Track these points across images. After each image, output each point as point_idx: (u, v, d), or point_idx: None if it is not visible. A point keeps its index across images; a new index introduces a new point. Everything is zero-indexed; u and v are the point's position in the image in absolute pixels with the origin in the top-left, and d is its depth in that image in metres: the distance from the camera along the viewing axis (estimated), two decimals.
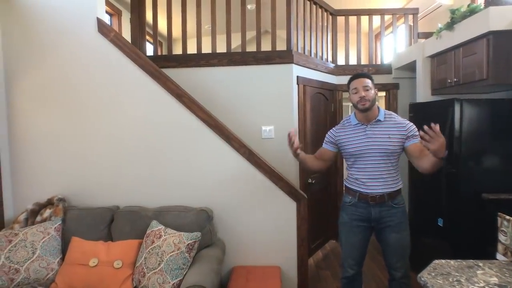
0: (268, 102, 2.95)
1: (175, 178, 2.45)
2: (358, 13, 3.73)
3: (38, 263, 1.98)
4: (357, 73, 1.99)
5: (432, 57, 2.95)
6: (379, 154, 1.87)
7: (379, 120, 1.91)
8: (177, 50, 3.38)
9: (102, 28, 2.43)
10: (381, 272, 3.01)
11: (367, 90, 1.87)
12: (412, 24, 3.76)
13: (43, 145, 2.51)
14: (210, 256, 2.07)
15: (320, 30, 3.53)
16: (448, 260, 1.34)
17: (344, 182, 2.13)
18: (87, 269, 1.95)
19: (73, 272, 1.96)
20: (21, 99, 2.51)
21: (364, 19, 3.75)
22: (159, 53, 3.25)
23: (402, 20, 3.98)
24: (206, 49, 3.05)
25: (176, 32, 3.19)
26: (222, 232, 2.46)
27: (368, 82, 1.89)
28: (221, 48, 3.04)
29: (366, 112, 1.89)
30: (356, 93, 1.89)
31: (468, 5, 2.48)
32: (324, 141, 2.11)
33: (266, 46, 3.01)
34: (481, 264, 1.30)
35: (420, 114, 2.90)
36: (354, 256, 2.00)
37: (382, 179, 1.89)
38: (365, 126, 1.92)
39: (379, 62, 4.02)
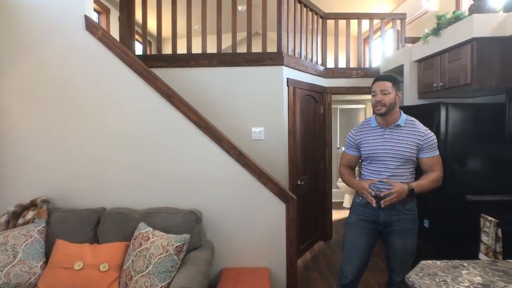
0: (258, 103, 2.95)
1: (163, 179, 2.42)
2: (348, 17, 3.78)
3: (20, 267, 1.91)
4: (380, 74, 1.95)
5: (419, 61, 3.02)
6: (394, 159, 1.85)
7: (399, 125, 1.88)
8: (167, 49, 3.35)
9: (90, 26, 2.38)
10: (371, 277, 3.03)
11: (385, 94, 1.82)
12: (399, 29, 3.83)
13: (27, 145, 2.44)
14: (198, 258, 2.04)
15: (310, 32, 3.56)
16: (435, 261, 1.36)
17: None
18: (72, 272, 1.90)
19: (57, 276, 1.90)
20: (5, 97, 2.44)
21: (354, 22, 3.80)
22: (148, 53, 3.20)
23: (390, 24, 4.05)
24: (196, 49, 3.04)
25: (166, 31, 3.16)
26: (211, 234, 2.43)
27: (388, 85, 1.84)
28: (212, 48, 3.03)
29: (383, 116, 1.87)
30: (374, 96, 1.87)
31: (453, 12, 2.54)
32: (346, 147, 2.07)
33: (256, 48, 3.02)
34: (465, 264, 1.33)
35: None
36: (355, 259, 1.92)
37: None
38: (384, 130, 1.90)
39: (367, 66, 4.07)
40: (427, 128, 1.92)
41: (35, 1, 2.38)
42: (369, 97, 4.19)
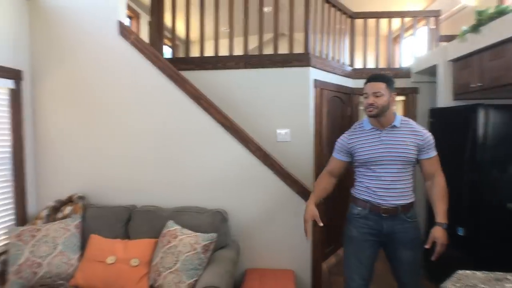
0: (284, 105, 2.95)
1: (191, 179, 2.48)
2: (378, 15, 3.68)
3: (59, 258, 2.04)
4: (372, 75, 1.82)
5: (455, 60, 2.88)
6: (395, 162, 1.74)
7: (395, 126, 1.78)
8: (194, 52, 3.42)
9: (123, 31, 2.49)
10: None
11: (377, 96, 1.72)
12: (433, 27, 3.68)
13: (65, 144, 2.59)
14: (225, 257, 2.08)
15: (338, 33, 3.51)
16: (474, 272, 1.27)
17: (351, 192, 1.95)
18: (105, 266, 2.00)
19: (92, 268, 2.01)
20: (45, 99, 2.60)
21: (384, 21, 3.70)
22: (176, 56, 3.29)
23: (423, 22, 3.90)
24: (223, 51, 3.08)
25: (193, 34, 3.23)
26: (236, 234, 2.47)
27: (381, 87, 1.73)
28: (237, 50, 3.06)
29: (375, 118, 1.78)
30: (366, 97, 1.78)
31: (496, 7, 2.39)
32: (335, 151, 1.94)
33: (282, 49, 3.01)
34: (510, 278, 1.23)
35: (441, 119, 2.83)
36: (361, 273, 1.80)
37: (397, 189, 1.75)
38: (380, 132, 1.78)
39: (397, 66, 3.95)
40: (424, 127, 1.83)
41: (73, 9, 2.52)
42: (399, 98, 4.07)
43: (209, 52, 3.11)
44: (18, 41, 2.48)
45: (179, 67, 2.82)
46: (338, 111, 3.44)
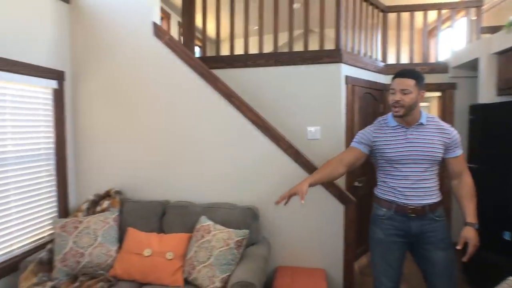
0: (315, 102, 2.92)
1: (222, 176, 2.52)
2: (412, 8, 3.55)
3: (100, 249, 2.15)
4: (401, 70, 1.70)
5: (500, 53, 2.71)
6: (422, 161, 1.67)
7: (421, 124, 1.71)
8: (223, 51, 3.46)
9: (157, 31, 2.56)
10: None
11: (405, 94, 1.63)
12: (474, 18, 3.49)
13: (102, 141, 2.71)
14: (256, 254, 2.10)
15: (370, 27, 3.42)
16: None
17: (375, 192, 1.88)
18: (142, 258, 2.08)
19: (130, 260, 2.10)
20: (85, 98, 2.73)
21: (418, 14, 3.56)
22: (207, 55, 3.35)
23: (463, 13, 3.71)
24: (252, 49, 3.10)
25: (223, 33, 3.27)
26: (266, 231, 2.48)
27: (409, 84, 1.63)
28: (266, 48, 3.06)
29: (401, 117, 1.70)
30: (392, 94, 1.68)
31: None
32: (356, 141, 1.83)
33: (311, 46, 2.98)
34: None
35: (483, 116, 2.69)
36: (390, 276, 1.75)
37: (424, 188, 1.69)
38: (406, 129, 1.71)
39: (433, 60, 3.79)
40: (450, 125, 1.75)
41: (110, 12, 2.62)
42: (434, 94, 3.92)
43: (238, 50, 3.13)
44: (60, 43, 2.63)
45: (210, 65, 2.87)
46: (370, 108, 3.36)
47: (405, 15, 3.57)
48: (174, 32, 5.18)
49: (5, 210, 2.18)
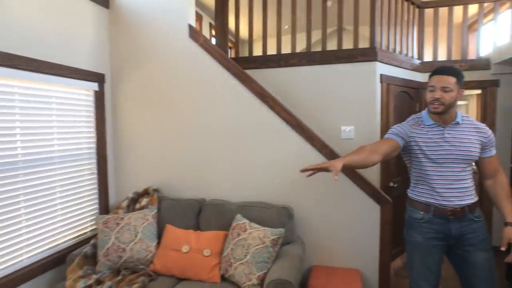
0: (349, 101, 2.88)
1: (256, 175, 2.55)
2: (451, 3, 3.41)
3: (140, 245, 2.23)
4: (441, 67, 1.66)
5: None
6: (460, 160, 1.64)
7: (457, 123, 1.67)
8: (254, 51, 3.48)
9: (193, 34, 2.63)
10: None
11: (446, 91, 1.59)
12: None
13: (140, 141, 2.82)
14: (292, 253, 2.11)
15: (406, 24, 3.32)
16: None
17: (408, 193, 1.84)
18: (180, 254, 2.14)
19: (168, 255, 2.17)
20: (123, 99, 2.85)
21: (457, 9, 3.42)
22: (239, 55, 3.38)
23: (507, 5, 3.52)
24: (284, 49, 3.10)
25: (254, 33, 3.29)
26: (300, 230, 2.48)
27: (451, 81, 1.59)
28: (297, 46, 3.05)
29: (439, 115, 1.66)
30: (431, 91, 1.64)
31: None
32: (392, 133, 1.74)
33: (343, 44, 2.94)
34: None
35: None
36: (430, 280, 1.71)
37: (462, 189, 1.66)
38: (443, 128, 1.67)
39: (473, 57, 3.63)
40: (483, 124, 1.70)
41: (147, 16, 2.71)
42: (474, 92, 3.75)
43: (270, 50, 3.15)
44: (101, 47, 2.75)
45: (243, 66, 2.90)
46: (405, 107, 3.27)
47: (443, 10, 3.44)
48: (206, 33, 5.28)
49: (52, 206, 2.31)
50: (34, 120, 2.18)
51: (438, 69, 1.66)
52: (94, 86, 2.68)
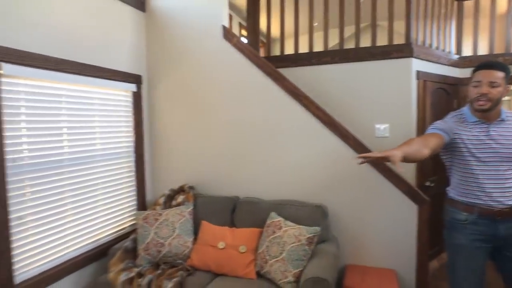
0: (383, 99, 2.82)
1: (290, 173, 2.56)
2: None
3: (177, 240, 2.31)
4: (488, 61, 1.59)
5: None
6: (505, 159, 1.58)
7: (502, 120, 1.60)
8: (285, 49, 3.48)
9: (226, 34, 2.67)
10: None
11: (494, 87, 1.53)
12: None
13: (176, 140, 2.90)
14: (327, 251, 2.10)
15: (443, 18, 3.20)
16: None
17: (448, 193, 1.77)
18: (216, 250, 2.19)
19: (205, 251, 2.23)
20: (159, 99, 2.95)
21: None
22: (270, 54, 3.40)
23: None
24: (310, 46, 3.08)
25: (285, 32, 3.29)
26: (334, 229, 2.46)
27: (498, 76, 1.53)
28: (330, 43, 3.02)
29: (484, 112, 1.58)
30: (476, 86, 1.57)
31: None
32: (436, 128, 1.66)
33: (367, 41, 2.88)
34: None
35: None
36: (474, 283, 1.64)
37: (509, 188, 1.58)
38: (488, 126, 1.61)
39: None
40: None
41: (182, 18, 2.79)
42: None
43: (302, 48, 3.14)
44: (138, 49, 2.86)
45: (275, 65, 2.91)
46: (442, 104, 3.16)
47: (485, 1, 3.28)
48: (235, 33, 5.34)
49: (94, 202, 2.43)
50: (79, 120, 2.31)
51: (484, 63, 1.60)
52: (132, 87, 2.79)
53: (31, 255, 1.98)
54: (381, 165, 2.31)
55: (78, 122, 2.31)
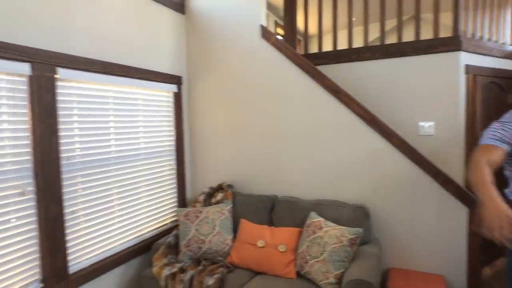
0: (428, 95, 2.68)
1: (329, 172, 2.51)
2: None
3: (217, 238, 2.35)
4: None
5: None
6: None
7: None
8: (312, 47, 3.41)
9: (264, 33, 2.67)
10: None
11: None
12: None
13: (214, 139, 2.95)
14: (370, 253, 2.04)
15: (496, 6, 2.98)
16: None
17: (509, 196, 1.59)
18: (255, 248, 2.20)
19: (245, 249, 2.25)
20: (198, 100, 3.01)
21: None
22: (307, 52, 3.35)
23: None
24: (346, 43, 3.00)
25: (315, 29, 3.23)
26: (376, 230, 2.39)
27: None
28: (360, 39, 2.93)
29: None
30: None
31: None
32: (497, 139, 1.50)
33: (409, 35, 2.74)
34: None
35: None
36: None
37: None
38: None
39: None
40: None
41: (221, 19, 2.83)
42: None
43: (340, 44, 3.06)
44: (178, 51, 2.94)
45: (313, 62, 2.88)
46: (495, 100, 2.95)
47: None
48: (271, 30, 5.35)
49: (138, 199, 2.54)
50: (124, 120, 2.42)
51: None
52: (174, 88, 2.88)
53: (83, 248, 2.10)
54: (428, 165, 2.20)
55: (124, 122, 2.42)
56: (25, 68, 1.75)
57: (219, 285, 2.01)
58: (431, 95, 2.67)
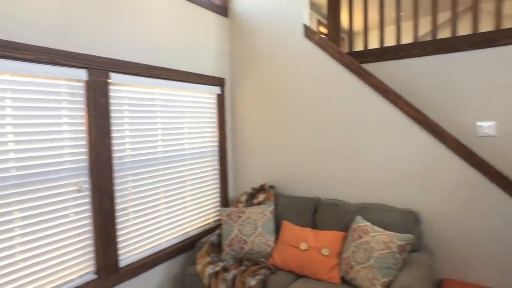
0: (488, 93, 2.46)
1: (375, 175, 2.40)
2: None
3: (260, 239, 2.35)
4: None
5: None
6: None
7: None
8: (358, 45, 3.29)
9: (307, 33, 2.63)
10: None
11: None
12: None
13: (257, 139, 2.96)
14: (420, 261, 1.92)
15: None
16: None
17: None
18: (298, 251, 2.17)
19: (287, 251, 2.22)
20: (241, 101, 3.04)
21: None
22: (352, 50, 3.24)
23: None
24: (399, 38, 2.84)
25: (359, 26, 3.10)
26: (427, 237, 2.24)
27: None
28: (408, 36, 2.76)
29: None
30: None
31: None
32: None
33: (464, 28, 2.52)
34: None
35: None
36: None
37: None
38: None
39: None
40: None
41: (263, 20, 2.83)
42: None
43: (387, 41, 2.92)
44: (221, 53, 2.99)
45: (358, 60, 2.78)
46: None
47: None
48: (313, 28, 5.27)
49: (183, 198, 2.62)
50: (170, 122, 2.51)
51: None
52: (217, 90, 2.94)
53: (132, 243, 2.21)
54: (487, 169, 2.02)
55: (170, 124, 2.51)
56: (83, 74, 1.88)
57: (262, 286, 2.01)
58: (490, 93, 2.45)
